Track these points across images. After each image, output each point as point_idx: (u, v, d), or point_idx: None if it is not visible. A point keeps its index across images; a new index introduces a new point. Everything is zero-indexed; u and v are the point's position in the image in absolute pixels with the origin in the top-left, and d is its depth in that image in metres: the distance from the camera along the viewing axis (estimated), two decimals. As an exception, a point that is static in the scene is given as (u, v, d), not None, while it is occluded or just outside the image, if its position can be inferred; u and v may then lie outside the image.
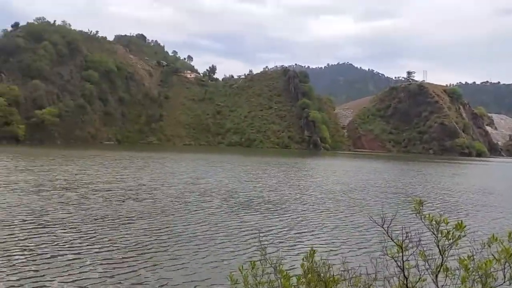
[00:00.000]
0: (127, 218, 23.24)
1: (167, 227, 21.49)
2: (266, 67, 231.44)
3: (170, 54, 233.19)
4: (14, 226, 20.26)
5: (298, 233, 21.32)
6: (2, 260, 15.08)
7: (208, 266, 15.75)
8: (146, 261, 16.02)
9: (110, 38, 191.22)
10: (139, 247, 17.81)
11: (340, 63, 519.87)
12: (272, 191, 36.11)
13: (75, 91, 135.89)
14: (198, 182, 40.04)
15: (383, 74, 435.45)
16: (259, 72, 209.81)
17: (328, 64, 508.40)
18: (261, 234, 20.33)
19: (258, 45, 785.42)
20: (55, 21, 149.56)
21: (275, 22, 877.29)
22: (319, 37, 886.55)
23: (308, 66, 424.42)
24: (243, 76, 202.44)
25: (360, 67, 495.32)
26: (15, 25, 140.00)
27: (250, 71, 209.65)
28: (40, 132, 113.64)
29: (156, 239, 19.25)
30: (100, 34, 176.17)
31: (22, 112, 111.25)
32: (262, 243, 16.11)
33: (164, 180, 40.61)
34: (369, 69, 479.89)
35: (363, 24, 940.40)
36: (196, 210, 25.98)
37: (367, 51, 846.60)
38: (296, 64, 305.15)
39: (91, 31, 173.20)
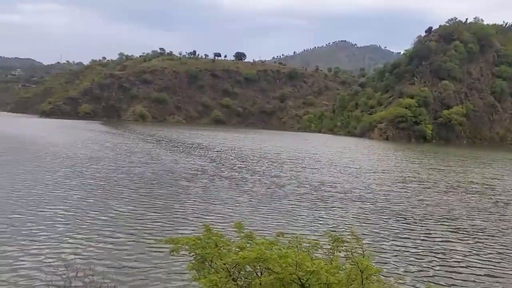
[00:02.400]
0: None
1: None
2: None
3: None
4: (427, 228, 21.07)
5: None
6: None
7: None
8: None
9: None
10: None
11: None
12: None
13: (484, 89, 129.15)
14: None
15: None
16: None
17: None
18: None
19: None
20: (466, 19, 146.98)
21: None
22: None
23: None
24: None
25: None
26: (428, 30, 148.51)
27: None
28: (446, 131, 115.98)
29: None
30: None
31: (430, 112, 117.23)
32: None
33: None
34: None
35: None
36: None
37: None
38: None
39: (507, 22, 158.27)
